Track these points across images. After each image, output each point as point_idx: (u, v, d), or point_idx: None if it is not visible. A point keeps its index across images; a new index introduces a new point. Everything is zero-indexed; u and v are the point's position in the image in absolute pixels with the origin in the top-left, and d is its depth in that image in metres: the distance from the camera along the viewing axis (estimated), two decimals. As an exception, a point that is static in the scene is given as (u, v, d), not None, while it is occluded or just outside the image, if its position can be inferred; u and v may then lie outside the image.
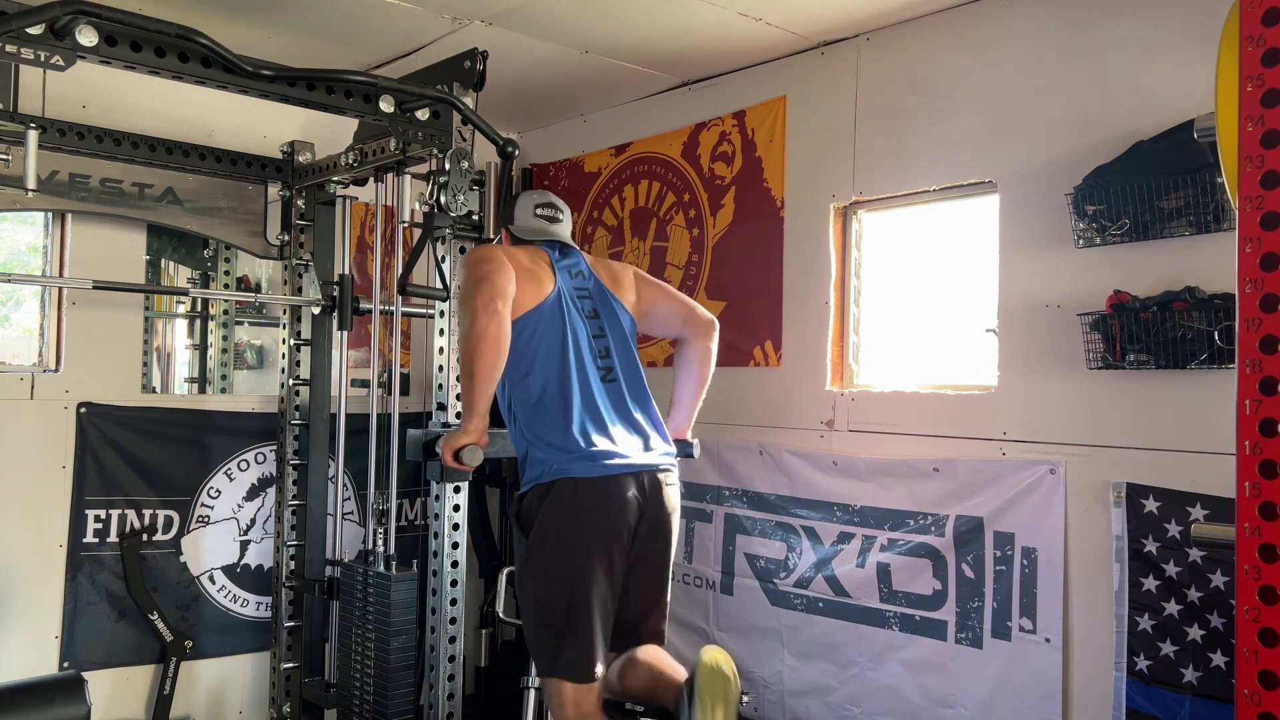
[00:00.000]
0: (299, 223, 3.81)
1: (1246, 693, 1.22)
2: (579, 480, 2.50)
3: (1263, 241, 1.23)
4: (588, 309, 2.73)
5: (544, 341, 2.60)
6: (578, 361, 2.61)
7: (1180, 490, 2.67)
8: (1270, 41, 1.23)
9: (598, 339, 2.70)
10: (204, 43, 2.54)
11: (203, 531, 3.84)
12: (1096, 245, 2.82)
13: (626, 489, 2.52)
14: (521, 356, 2.59)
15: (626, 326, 2.78)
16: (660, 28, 3.47)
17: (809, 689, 3.51)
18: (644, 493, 2.56)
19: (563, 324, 2.63)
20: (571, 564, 2.49)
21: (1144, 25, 2.80)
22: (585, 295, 2.75)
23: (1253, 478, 1.22)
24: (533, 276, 2.64)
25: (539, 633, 2.57)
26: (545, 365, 2.59)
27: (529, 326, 2.59)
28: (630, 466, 2.54)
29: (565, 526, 2.50)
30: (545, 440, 2.55)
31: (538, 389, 2.58)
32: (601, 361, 2.68)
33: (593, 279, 2.79)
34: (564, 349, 2.60)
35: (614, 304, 2.79)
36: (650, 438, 2.65)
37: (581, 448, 2.51)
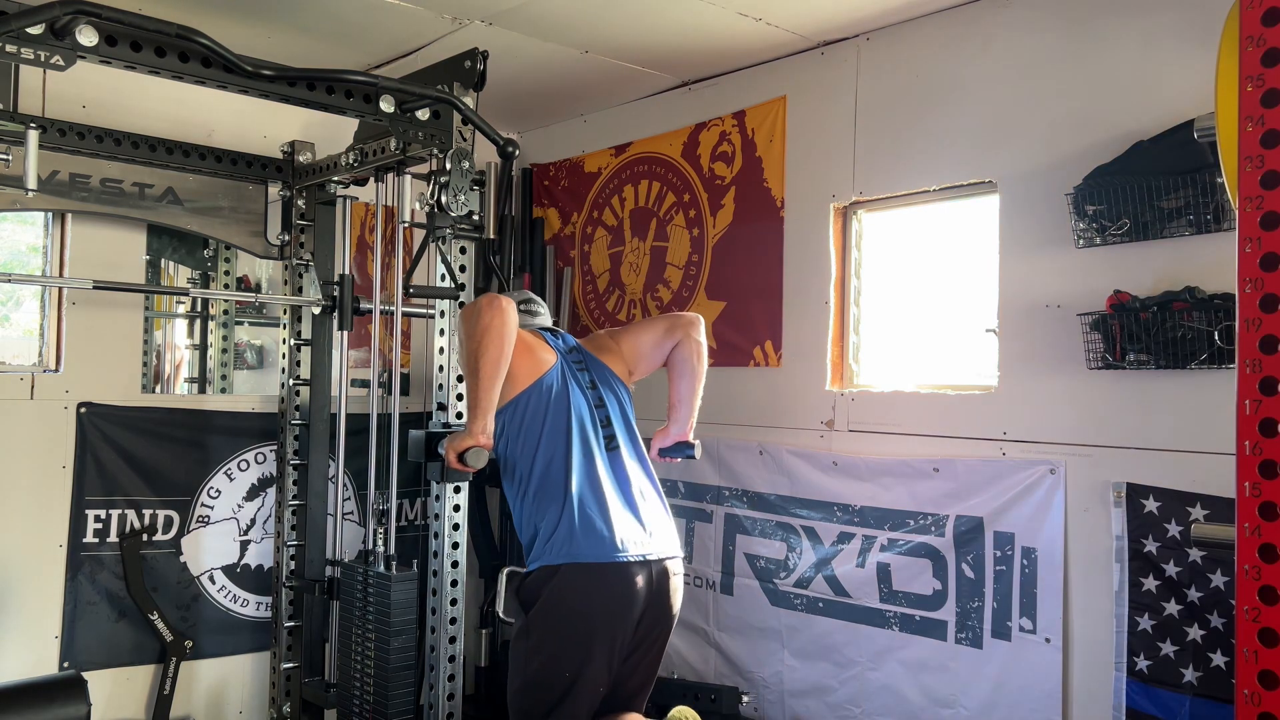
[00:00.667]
0: (299, 223, 3.80)
1: (1246, 693, 1.22)
2: (588, 566, 2.49)
3: (1263, 241, 1.23)
4: (586, 380, 2.77)
5: (549, 415, 2.63)
6: (581, 434, 2.63)
7: (1180, 490, 2.67)
8: (1270, 41, 1.23)
9: (599, 408, 2.74)
10: (204, 43, 2.54)
11: (203, 531, 3.84)
12: (1096, 245, 2.82)
13: (635, 578, 2.53)
14: (527, 431, 2.62)
15: (623, 395, 2.85)
16: (660, 28, 3.47)
17: (809, 689, 3.51)
18: (652, 584, 2.56)
19: (566, 397, 2.66)
20: (572, 652, 2.49)
21: (1144, 25, 2.80)
22: (581, 367, 2.80)
23: (1253, 478, 1.22)
24: (532, 349, 2.70)
25: (524, 701, 2.57)
26: (551, 439, 2.61)
27: (534, 399, 2.62)
28: (640, 556, 2.55)
29: (570, 613, 2.50)
30: (553, 520, 2.54)
31: (544, 464, 2.60)
32: (604, 431, 2.71)
33: (585, 353, 2.87)
34: (569, 422, 2.63)
35: (608, 374, 2.84)
36: (656, 521, 2.66)
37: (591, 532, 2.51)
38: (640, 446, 2.80)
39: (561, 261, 4.62)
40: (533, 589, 2.55)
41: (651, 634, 2.63)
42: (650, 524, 2.63)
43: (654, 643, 2.66)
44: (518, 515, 2.68)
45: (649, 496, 2.71)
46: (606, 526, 2.53)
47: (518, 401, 2.62)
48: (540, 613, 2.52)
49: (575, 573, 2.49)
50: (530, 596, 2.55)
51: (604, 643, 2.51)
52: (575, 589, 2.49)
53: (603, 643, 2.50)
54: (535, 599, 2.53)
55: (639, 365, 2.95)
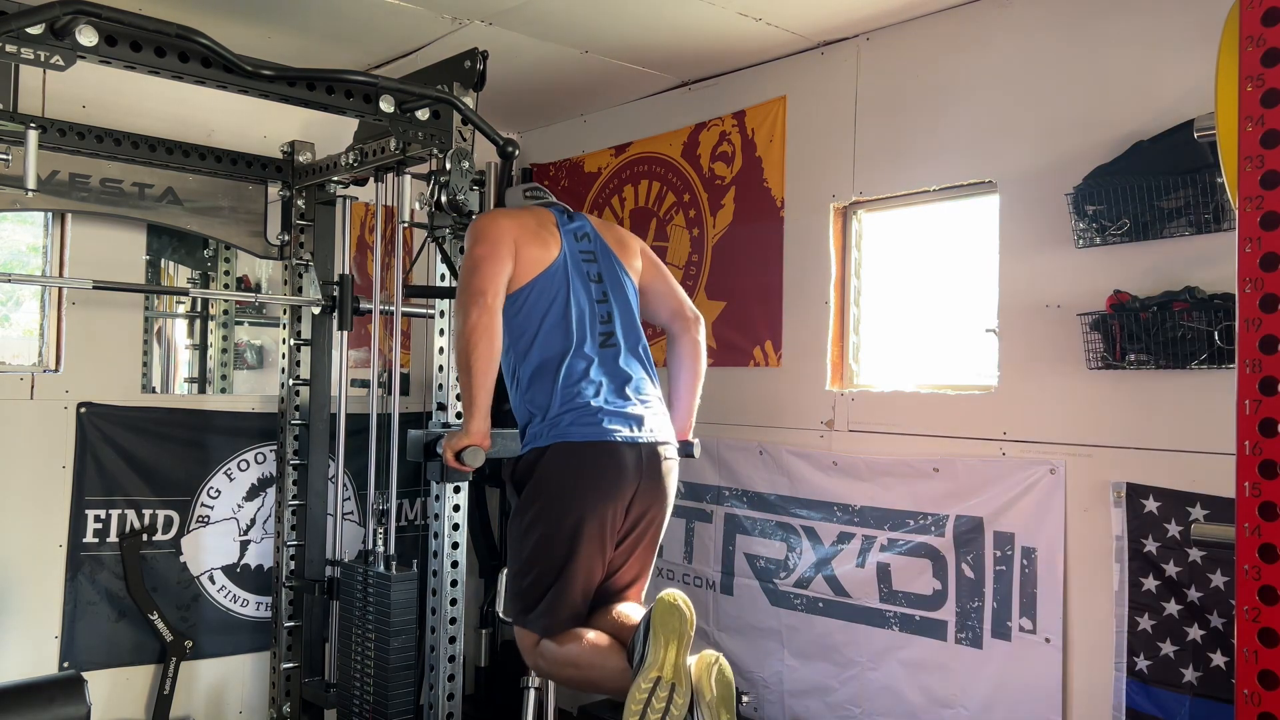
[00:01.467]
0: (299, 223, 3.81)
1: (1246, 693, 1.22)
2: (577, 444, 2.49)
3: (1263, 241, 1.23)
4: (592, 273, 2.71)
5: (547, 307, 2.60)
6: (579, 327, 2.60)
7: (1180, 490, 2.67)
8: (1270, 41, 1.23)
9: (600, 304, 2.69)
10: (204, 43, 2.54)
11: (203, 531, 3.84)
12: (1096, 245, 2.82)
13: (624, 456, 2.51)
14: (525, 322, 2.60)
15: (630, 292, 2.77)
16: (660, 28, 3.47)
17: (809, 689, 3.51)
18: (642, 464, 2.54)
19: (566, 289, 2.62)
20: (564, 521, 2.48)
21: (1144, 25, 2.80)
22: (590, 259, 2.72)
23: (1253, 478, 1.22)
24: (538, 239, 2.64)
25: (521, 582, 2.56)
26: (548, 331, 2.59)
27: (533, 292, 2.59)
28: (629, 438, 2.53)
29: (560, 483, 2.49)
30: (544, 406, 2.54)
31: (539, 355, 2.58)
32: (603, 326, 2.66)
33: (599, 241, 2.77)
34: (566, 315, 2.60)
35: (618, 268, 2.77)
36: (649, 410, 2.62)
37: (580, 414, 2.50)
38: (642, 345, 2.73)
39: (561, 261, 4.61)
40: (524, 470, 2.56)
41: (644, 516, 2.60)
42: (643, 414, 2.60)
43: (647, 526, 2.62)
44: (513, 401, 2.68)
45: (646, 392, 2.66)
46: (596, 413, 2.51)
47: (517, 296, 2.60)
48: (531, 491, 2.53)
49: (564, 450, 2.49)
50: (522, 478, 2.56)
51: (594, 518, 2.49)
52: (564, 465, 2.49)
53: (593, 518, 2.48)
54: (527, 478, 2.54)
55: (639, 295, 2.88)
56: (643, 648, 2.26)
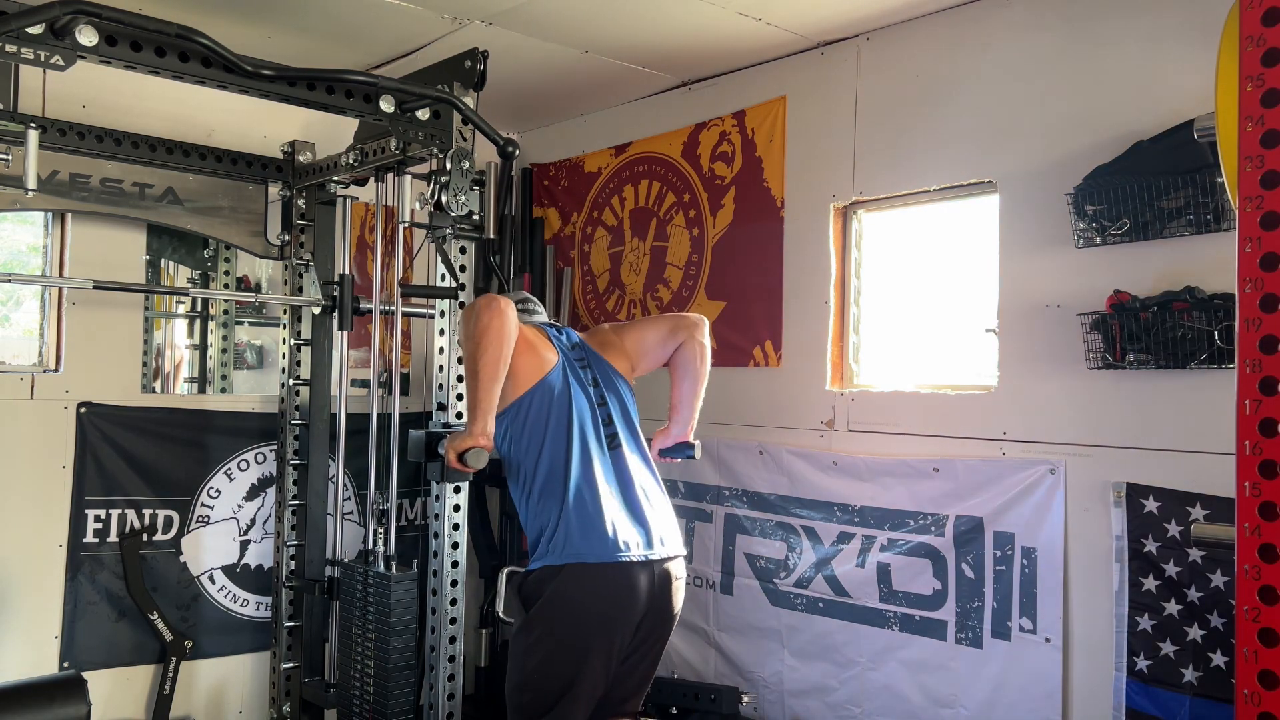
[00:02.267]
0: (299, 223, 3.80)
1: (1246, 693, 1.22)
2: (590, 566, 2.50)
3: (1263, 241, 1.23)
4: (589, 378, 2.77)
5: (551, 415, 2.62)
6: (582, 433, 2.63)
7: (1180, 490, 2.67)
8: (1270, 41, 1.23)
9: (600, 407, 2.74)
10: (204, 43, 2.54)
11: (203, 531, 3.84)
12: (1096, 245, 2.82)
13: (638, 579, 2.54)
14: (530, 431, 2.62)
15: (625, 391, 2.84)
16: (660, 28, 3.47)
17: (809, 689, 3.51)
18: (654, 585, 2.57)
19: (568, 396, 2.66)
20: (571, 652, 2.50)
21: (1144, 25, 2.80)
22: (584, 364, 2.80)
23: (1253, 478, 1.22)
24: (534, 347, 2.68)
25: (520, 697, 2.57)
26: (554, 440, 2.61)
27: (536, 399, 2.62)
28: (642, 557, 2.55)
29: (571, 612, 2.50)
30: (555, 520, 2.55)
31: (547, 463, 2.60)
32: (606, 429, 2.71)
33: (588, 349, 2.86)
34: (570, 421, 2.62)
35: (610, 372, 2.84)
36: (659, 516, 2.66)
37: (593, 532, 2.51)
38: (643, 444, 2.79)
39: (561, 261, 4.62)
40: (534, 587, 2.56)
41: (651, 636, 2.63)
42: (653, 524, 2.63)
43: (653, 645, 2.66)
44: (523, 515, 2.68)
45: (652, 495, 2.71)
46: (608, 527, 2.53)
47: (521, 403, 2.62)
48: (541, 611, 2.53)
49: (578, 572, 2.50)
50: (532, 595, 2.56)
51: (603, 643, 2.51)
52: (577, 589, 2.50)
53: (602, 643, 2.51)
54: (537, 597, 2.54)
55: (642, 362, 2.95)
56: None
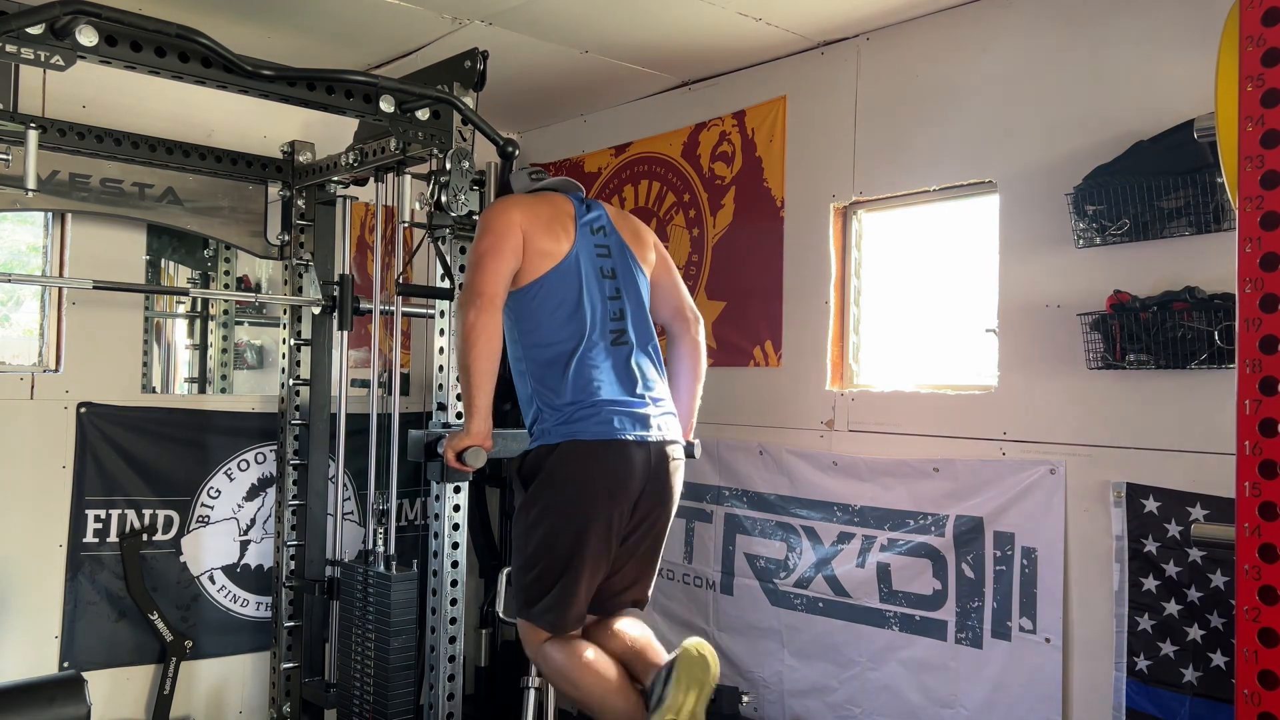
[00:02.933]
0: (299, 223, 3.81)
1: (1246, 693, 1.22)
2: (587, 442, 2.50)
3: (1263, 241, 1.23)
4: (605, 268, 2.69)
5: (559, 302, 2.59)
6: (591, 324, 2.59)
7: (1180, 490, 2.67)
8: (1270, 41, 1.23)
9: (613, 300, 2.67)
10: (204, 43, 2.54)
11: (203, 531, 3.84)
12: (1096, 245, 2.82)
13: (634, 456, 2.52)
14: (536, 315, 2.59)
15: (643, 288, 2.75)
16: (660, 28, 3.47)
17: (809, 689, 3.51)
18: (650, 463, 2.55)
19: (579, 285, 2.61)
20: (571, 518, 2.51)
21: (1144, 25, 2.80)
22: (604, 254, 2.70)
23: (1253, 478, 1.22)
24: (549, 232, 2.63)
25: (525, 576, 2.57)
26: (559, 326, 2.58)
27: (544, 287, 2.58)
28: (639, 438, 2.54)
29: (569, 481, 2.51)
30: (554, 403, 2.54)
31: (549, 350, 2.58)
32: (614, 324, 2.65)
33: (614, 235, 2.75)
34: (578, 311, 2.58)
35: (633, 264, 2.75)
36: (659, 408, 2.63)
37: (590, 412, 2.51)
38: (653, 343, 2.72)
39: (561, 261, 4.61)
40: (532, 465, 2.57)
41: (650, 516, 2.61)
42: (652, 413, 2.61)
43: (650, 526, 2.63)
44: (520, 394, 2.67)
45: (655, 391, 2.66)
46: (607, 410, 2.53)
47: (528, 289, 2.59)
48: (539, 486, 2.54)
49: (573, 448, 2.51)
50: (530, 472, 2.57)
51: (601, 515, 2.51)
52: (573, 462, 2.51)
53: (600, 515, 2.51)
54: (535, 474, 2.56)
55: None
56: (663, 689, 2.34)
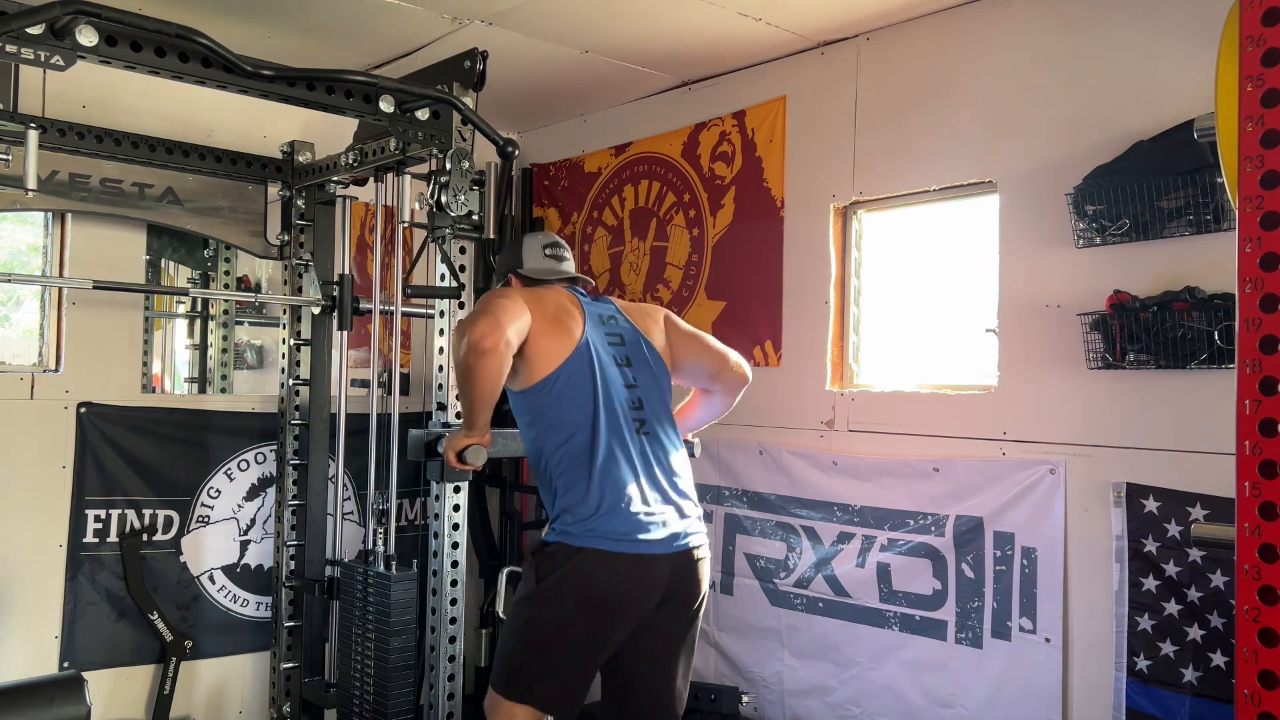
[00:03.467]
0: (299, 223, 3.80)
1: (1246, 693, 1.22)
2: (609, 555, 2.41)
3: (1263, 241, 1.23)
4: (620, 357, 2.60)
5: (574, 395, 2.49)
6: (609, 415, 2.50)
7: (1180, 490, 2.67)
8: (1270, 41, 1.23)
9: (630, 389, 2.58)
10: (204, 43, 2.54)
11: (203, 531, 3.84)
12: (1096, 245, 2.82)
13: (656, 570, 2.45)
14: (552, 412, 2.50)
15: (661, 376, 2.67)
16: (660, 28, 3.47)
17: (809, 689, 3.51)
18: (675, 570, 2.48)
19: (592, 375, 2.51)
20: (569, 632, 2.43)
21: (1144, 25, 2.80)
22: (617, 342, 2.62)
23: (1253, 478, 1.22)
24: (559, 325, 2.53)
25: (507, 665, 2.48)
26: (576, 420, 2.49)
27: (559, 379, 2.49)
28: (663, 546, 2.46)
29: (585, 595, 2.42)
30: (577, 502, 2.45)
31: (570, 446, 2.48)
32: (635, 413, 2.56)
33: (626, 324, 2.68)
34: (595, 402, 2.49)
35: (647, 351, 2.66)
36: (684, 504, 2.55)
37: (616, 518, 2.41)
38: (674, 430, 2.64)
39: (561, 261, 4.61)
40: (549, 562, 2.45)
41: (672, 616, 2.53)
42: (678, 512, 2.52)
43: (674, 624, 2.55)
44: (541, 488, 2.59)
45: (680, 484, 2.57)
46: (630, 513, 2.43)
47: (541, 387, 2.49)
48: (550, 587, 2.43)
49: (595, 558, 2.40)
50: (545, 569, 2.45)
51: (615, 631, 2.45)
52: (594, 574, 2.41)
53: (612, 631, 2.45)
54: (552, 573, 2.44)
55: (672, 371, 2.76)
56: None
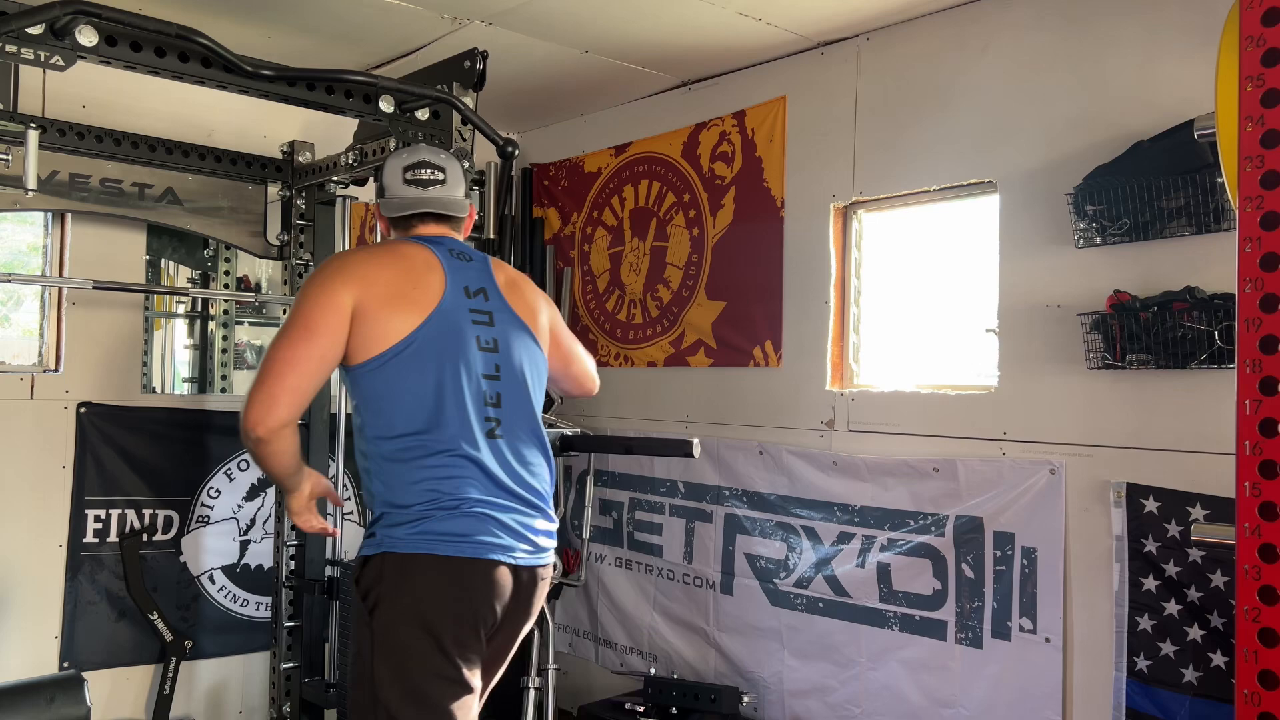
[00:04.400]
0: (299, 223, 3.81)
1: (1246, 693, 1.22)
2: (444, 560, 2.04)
3: (1263, 241, 1.23)
4: (484, 338, 2.19)
5: (411, 378, 2.09)
6: (457, 407, 2.11)
7: (1180, 490, 2.67)
8: (1270, 41, 1.23)
9: (490, 380, 2.17)
10: (204, 43, 2.54)
11: (203, 531, 3.84)
12: (1096, 245, 2.82)
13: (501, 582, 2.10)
14: (381, 399, 2.11)
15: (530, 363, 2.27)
16: (660, 28, 3.47)
17: (809, 689, 3.51)
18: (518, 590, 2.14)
19: (438, 356, 2.12)
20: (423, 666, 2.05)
21: (1144, 25, 2.80)
22: (483, 319, 2.20)
23: (1253, 478, 1.22)
24: (401, 298, 2.11)
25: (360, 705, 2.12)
26: (411, 408, 2.09)
27: (392, 361, 2.08)
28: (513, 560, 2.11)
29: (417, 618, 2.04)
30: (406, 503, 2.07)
31: (400, 443, 2.10)
32: (491, 409, 2.16)
33: (498, 299, 2.25)
34: (439, 389, 2.10)
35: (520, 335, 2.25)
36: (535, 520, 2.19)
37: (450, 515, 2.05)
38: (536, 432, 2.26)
39: (561, 261, 4.62)
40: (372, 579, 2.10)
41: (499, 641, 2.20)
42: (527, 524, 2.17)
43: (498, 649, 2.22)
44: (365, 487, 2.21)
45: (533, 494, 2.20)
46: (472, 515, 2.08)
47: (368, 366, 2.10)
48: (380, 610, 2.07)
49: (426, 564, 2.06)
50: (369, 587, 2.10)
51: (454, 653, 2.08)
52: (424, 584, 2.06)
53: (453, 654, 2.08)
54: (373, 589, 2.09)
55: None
56: None
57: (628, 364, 4.27)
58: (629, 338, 4.28)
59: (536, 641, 3.51)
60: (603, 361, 4.35)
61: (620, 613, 4.19)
